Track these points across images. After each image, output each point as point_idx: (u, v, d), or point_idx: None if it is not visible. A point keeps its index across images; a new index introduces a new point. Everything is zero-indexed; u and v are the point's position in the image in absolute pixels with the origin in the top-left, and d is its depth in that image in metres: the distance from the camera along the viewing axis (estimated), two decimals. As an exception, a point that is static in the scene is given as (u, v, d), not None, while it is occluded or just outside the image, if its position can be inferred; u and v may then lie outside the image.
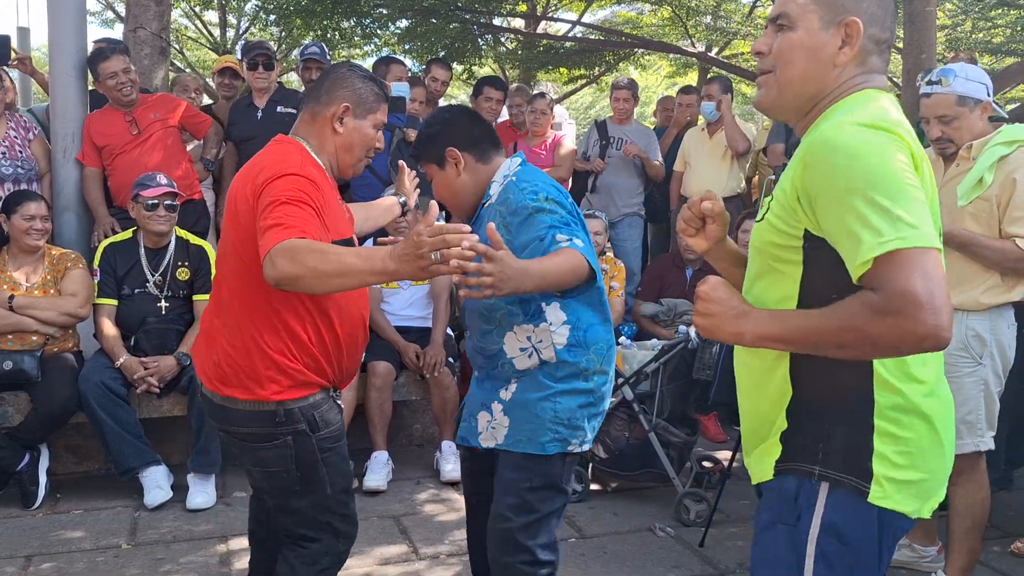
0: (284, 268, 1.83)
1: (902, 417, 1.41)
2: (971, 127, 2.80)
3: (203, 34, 14.57)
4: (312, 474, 2.19)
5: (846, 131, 1.34)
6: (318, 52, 5.25)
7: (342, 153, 2.22)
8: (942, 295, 1.24)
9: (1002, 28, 10.27)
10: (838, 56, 1.46)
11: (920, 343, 1.26)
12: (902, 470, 1.41)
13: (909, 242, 1.24)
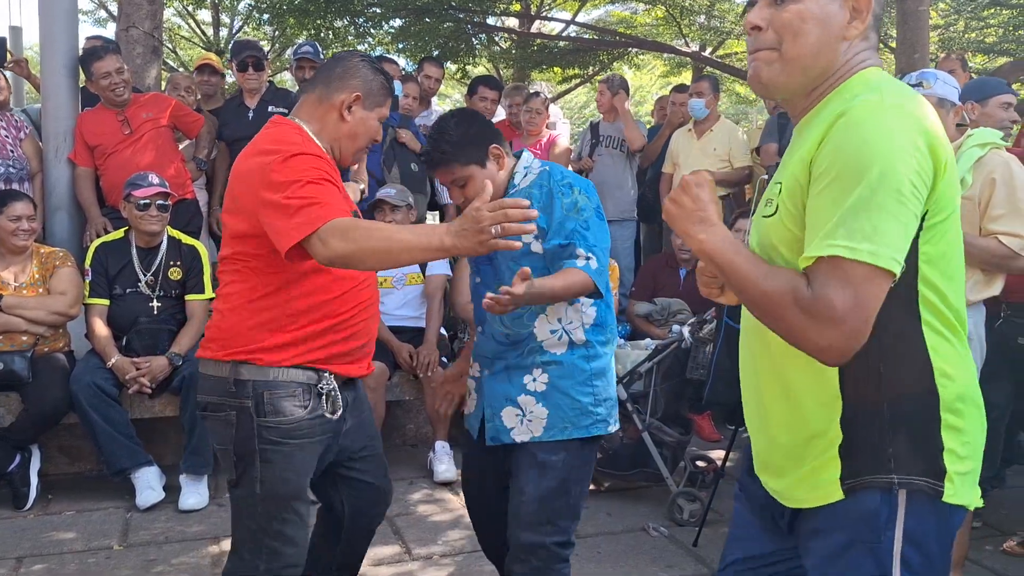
0: (337, 247, 1.85)
1: (963, 407, 1.37)
2: (947, 129, 2.86)
3: (196, 33, 14.54)
4: (245, 464, 2.09)
5: (863, 113, 1.27)
6: (311, 52, 5.24)
7: (347, 141, 2.20)
8: (861, 320, 1.21)
9: (995, 28, 10.31)
10: (848, 30, 1.37)
11: (818, 352, 1.25)
12: (964, 461, 1.37)
13: (858, 255, 1.20)
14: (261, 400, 2.07)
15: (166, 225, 3.99)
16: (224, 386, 2.09)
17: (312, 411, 2.12)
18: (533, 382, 2.32)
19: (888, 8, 9.13)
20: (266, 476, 2.09)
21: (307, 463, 2.16)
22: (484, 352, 2.39)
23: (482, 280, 2.42)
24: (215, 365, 2.12)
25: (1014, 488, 4.10)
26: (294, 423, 2.09)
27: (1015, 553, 3.40)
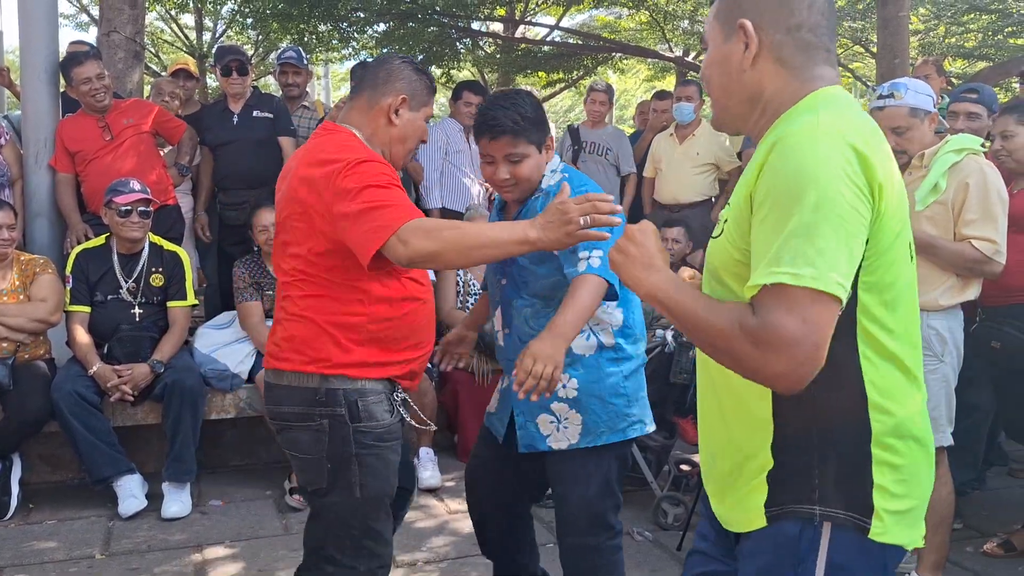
0: (420, 245, 1.85)
1: (898, 443, 1.33)
2: (922, 138, 2.93)
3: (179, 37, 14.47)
4: (343, 470, 2.08)
5: (797, 139, 1.26)
6: (295, 57, 5.23)
7: (397, 144, 2.19)
8: (811, 345, 1.18)
9: (974, 33, 10.41)
10: (744, 61, 1.40)
11: (772, 381, 1.23)
12: (899, 499, 1.33)
13: (801, 281, 1.18)
14: (355, 407, 2.07)
15: (148, 231, 3.97)
16: (312, 396, 2.07)
17: (396, 416, 2.17)
18: (563, 388, 2.32)
19: (869, 14, 9.22)
20: (365, 480, 2.10)
21: (396, 463, 2.19)
22: (511, 356, 2.33)
23: (507, 282, 2.40)
24: (297, 376, 2.08)
25: (995, 490, 4.14)
26: (386, 427, 2.13)
27: (995, 555, 3.42)
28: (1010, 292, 3.21)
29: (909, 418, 1.34)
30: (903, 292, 1.34)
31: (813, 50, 1.39)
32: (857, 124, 1.30)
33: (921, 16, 9.71)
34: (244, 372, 4.06)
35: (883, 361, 1.31)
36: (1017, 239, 3.20)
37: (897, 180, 1.32)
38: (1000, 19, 9.17)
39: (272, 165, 4.76)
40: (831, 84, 1.39)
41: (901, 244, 1.32)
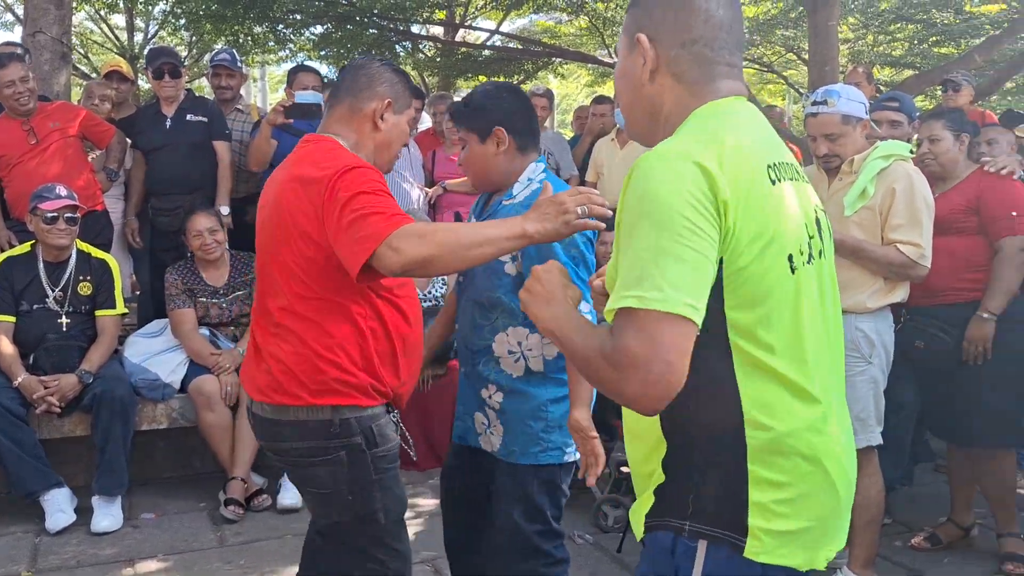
0: (413, 251, 1.79)
1: (780, 460, 1.29)
2: (854, 144, 3.00)
3: (110, 38, 14.08)
4: (366, 499, 2.02)
5: (646, 162, 1.25)
6: (228, 59, 5.13)
7: (381, 150, 2.14)
8: (663, 367, 1.17)
9: (901, 42, 10.74)
10: (643, 75, 1.39)
11: (630, 402, 1.22)
12: (783, 520, 1.29)
13: (647, 304, 1.18)
14: (371, 433, 2.01)
15: (75, 238, 3.86)
16: (327, 429, 1.98)
17: (398, 432, 2.14)
18: (490, 398, 2.30)
19: (800, 22, 9.45)
20: (388, 503, 2.06)
21: (398, 472, 2.15)
22: (460, 351, 2.38)
23: (465, 278, 2.38)
24: (308, 410, 1.99)
25: (922, 485, 4.27)
26: (394, 445, 2.09)
27: (923, 548, 3.54)
28: (933, 293, 3.31)
29: (792, 434, 1.29)
30: (780, 307, 1.29)
31: (710, 64, 1.37)
32: (717, 139, 1.28)
33: (851, 25, 9.97)
34: (176, 381, 3.97)
35: (761, 376, 1.28)
36: (940, 242, 3.31)
37: (764, 193, 1.28)
38: (925, 29, 9.47)
39: (206, 170, 4.67)
40: (727, 96, 1.37)
41: (772, 258, 1.27)
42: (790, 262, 1.30)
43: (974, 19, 8.81)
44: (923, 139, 3.45)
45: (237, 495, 3.77)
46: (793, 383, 1.30)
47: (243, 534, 3.60)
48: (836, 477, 1.34)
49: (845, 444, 1.39)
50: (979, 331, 3.25)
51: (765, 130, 1.39)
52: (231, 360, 3.97)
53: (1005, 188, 3.35)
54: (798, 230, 1.32)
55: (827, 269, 1.42)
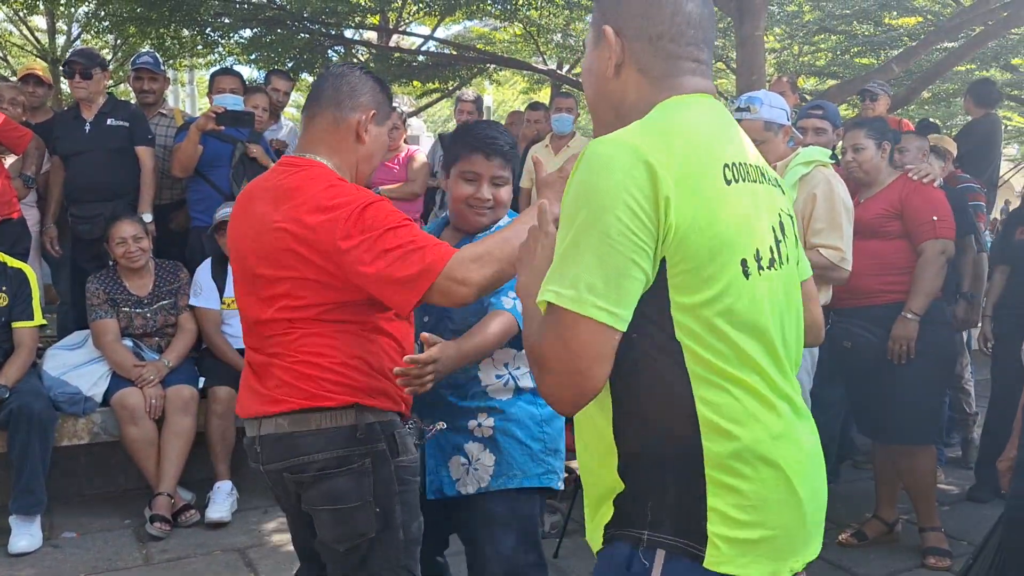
0: (479, 277, 1.74)
1: (741, 466, 1.23)
2: (776, 150, 3.07)
3: (30, 40, 13.59)
4: (388, 513, 1.89)
5: (593, 149, 1.21)
6: (151, 62, 5.00)
7: (364, 163, 2.02)
8: (576, 370, 1.14)
9: (825, 52, 11.05)
10: (608, 69, 1.35)
11: (547, 401, 1.21)
12: (744, 528, 1.23)
13: (561, 301, 1.15)
14: (394, 440, 1.91)
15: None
16: (351, 433, 1.86)
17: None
18: (479, 427, 2.19)
19: (728, 32, 9.66)
20: (406, 518, 1.93)
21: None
22: (425, 398, 2.11)
23: (430, 319, 2.23)
24: (330, 414, 1.86)
25: (848, 482, 4.39)
26: (415, 458, 1.98)
27: (850, 544, 3.62)
28: (858, 295, 3.41)
29: (757, 441, 1.24)
30: (734, 311, 1.23)
31: (676, 60, 1.33)
32: (669, 133, 1.23)
33: (776, 35, 10.22)
34: (98, 395, 3.84)
35: (720, 382, 1.23)
36: (864, 245, 3.41)
37: (715, 192, 1.22)
38: (847, 40, 9.76)
39: (128, 175, 4.54)
40: (691, 93, 1.33)
41: (723, 260, 1.21)
42: (743, 266, 1.24)
43: (893, 31, 9.11)
44: (847, 147, 3.54)
45: (163, 511, 3.65)
46: (753, 389, 1.25)
47: (170, 551, 3.49)
48: (799, 486, 1.28)
49: (811, 452, 1.34)
50: (903, 331, 3.35)
51: (727, 129, 1.34)
52: (155, 372, 3.85)
53: (927, 194, 3.46)
54: (756, 233, 1.27)
55: (792, 275, 1.37)
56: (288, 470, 1.90)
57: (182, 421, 3.80)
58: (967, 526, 3.76)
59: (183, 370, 3.97)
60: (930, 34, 7.40)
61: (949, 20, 7.33)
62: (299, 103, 19.44)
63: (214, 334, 4.10)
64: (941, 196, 3.51)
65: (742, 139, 1.36)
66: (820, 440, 1.39)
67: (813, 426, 1.39)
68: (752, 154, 1.36)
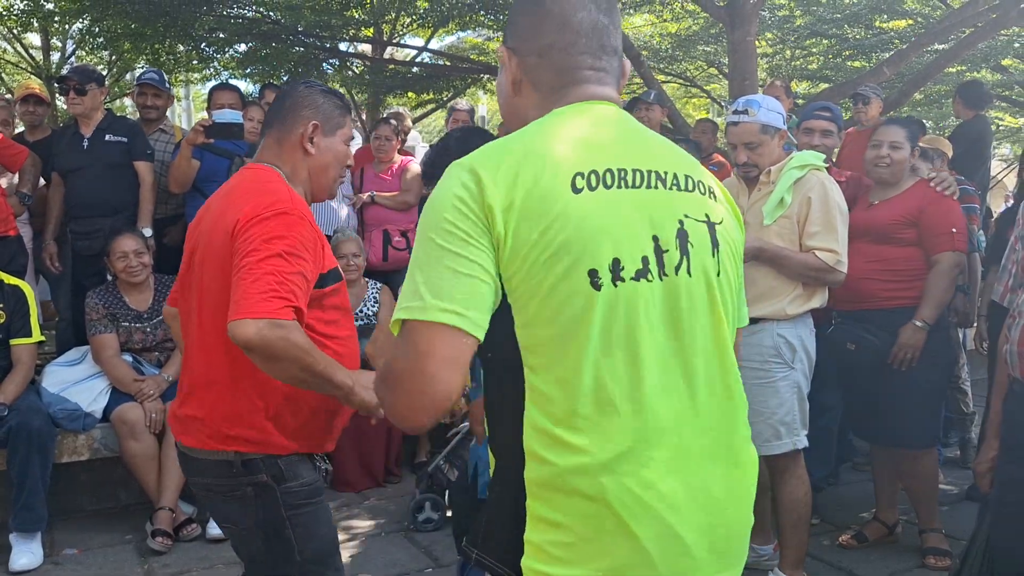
0: (282, 351, 1.74)
1: (556, 497, 1.16)
2: (771, 153, 3.08)
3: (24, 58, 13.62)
4: (275, 536, 1.94)
5: (452, 168, 1.20)
6: (156, 79, 5.02)
7: (318, 175, 2.07)
8: (424, 377, 1.10)
9: (816, 56, 11.11)
10: (509, 87, 1.35)
11: (401, 421, 1.16)
12: (564, 565, 1.15)
13: (410, 314, 1.12)
14: (279, 471, 1.93)
15: (-14, 265, 3.71)
16: (228, 468, 1.91)
17: (320, 473, 2.04)
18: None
19: (720, 38, 9.71)
20: (301, 540, 1.96)
21: (330, 516, 2.06)
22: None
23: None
24: (210, 454, 1.93)
25: (847, 484, 4.40)
26: (312, 484, 1.99)
27: (850, 546, 3.63)
28: (865, 299, 3.41)
29: (575, 470, 1.14)
30: (572, 327, 1.15)
31: (568, 71, 1.30)
32: (512, 144, 1.21)
33: (768, 40, 10.26)
34: (98, 410, 3.85)
35: (546, 404, 1.17)
36: (874, 250, 3.41)
37: (557, 200, 1.15)
38: (838, 44, 9.81)
39: (126, 191, 4.55)
40: (579, 102, 1.29)
41: (563, 272, 1.14)
42: (592, 277, 1.14)
43: (884, 34, 9.16)
44: (882, 142, 3.48)
45: (165, 525, 3.66)
46: (579, 414, 1.15)
47: (171, 566, 3.49)
48: (637, 526, 1.15)
49: (685, 493, 1.18)
50: (912, 339, 3.34)
51: (608, 134, 1.26)
52: (155, 386, 3.86)
53: (946, 205, 3.44)
54: (616, 242, 1.16)
55: (696, 287, 1.23)
56: (193, 485, 2.05)
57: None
58: (966, 526, 3.74)
59: (182, 384, 3.97)
60: (920, 37, 7.44)
61: (939, 22, 7.39)
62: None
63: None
64: (958, 208, 3.50)
65: (634, 143, 1.27)
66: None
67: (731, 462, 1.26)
68: (646, 158, 1.25)
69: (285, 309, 1.76)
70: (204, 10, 7.52)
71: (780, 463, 3.07)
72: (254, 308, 1.73)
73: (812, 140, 3.68)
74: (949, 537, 3.55)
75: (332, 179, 2.11)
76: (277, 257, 1.80)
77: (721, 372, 1.26)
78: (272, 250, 1.81)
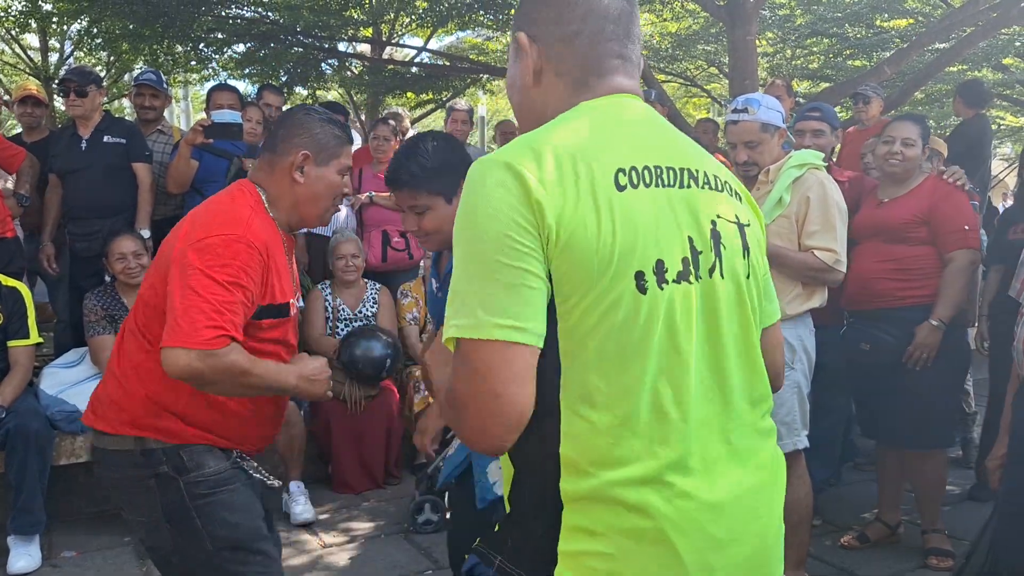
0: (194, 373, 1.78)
1: (597, 507, 1.11)
2: (771, 152, 3.07)
3: (22, 59, 13.61)
4: (184, 527, 1.92)
5: (471, 171, 1.14)
6: (154, 79, 5.00)
7: (306, 205, 2.05)
8: (491, 398, 1.05)
9: (817, 55, 11.10)
10: (527, 78, 1.27)
11: (474, 445, 1.11)
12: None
13: (463, 332, 1.06)
14: (180, 461, 1.92)
15: (-16, 267, 3.70)
16: (130, 459, 1.92)
17: (234, 462, 2.00)
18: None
19: (721, 38, 9.70)
20: (210, 528, 1.93)
21: (249, 503, 2.01)
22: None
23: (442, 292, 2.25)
24: (113, 439, 1.94)
25: (849, 484, 4.38)
26: (219, 472, 1.96)
27: (852, 547, 3.62)
28: (878, 298, 3.39)
29: (618, 483, 1.10)
30: (615, 332, 1.10)
31: (597, 60, 1.24)
32: (551, 139, 1.14)
33: (769, 39, 10.25)
34: (97, 412, 3.82)
35: (591, 414, 1.11)
36: (886, 249, 3.39)
37: (603, 198, 1.10)
38: (839, 43, 9.80)
39: (125, 192, 4.54)
40: (604, 95, 1.24)
41: (619, 271, 1.09)
42: (639, 280, 1.10)
43: (884, 33, 9.15)
44: (893, 138, 3.44)
45: (163, 528, 3.64)
46: (628, 424, 1.11)
47: (170, 568, 3.47)
48: (679, 540, 1.11)
49: (717, 502, 1.14)
50: (929, 338, 3.31)
51: (641, 129, 1.22)
52: (154, 388, 3.84)
53: (958, 202, 3.41)
54: (659, 243, 1.13)
55: (731, 289, 1.20)
56: (101, 480, 2.06)
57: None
58: (969, 526, 3.75)
59: (181, 386, 3.96)
60: (921, 35, 7.43)
61: (940, 21, 7.37)
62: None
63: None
64: (969, 204, 3.47)
65: (665, 139, 1.24)
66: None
67: (761, 468, 1.22)
68: (678, 156, 1.21)
69: (220, 339, 1.79)
70: (202, 11, 7.51)
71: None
72: (187, 337, 1.77)
73: (804, 141, 3.67)
74: (951, 537, 3.54)
75: (323, 209, 2.09)
76: (217, 284, 1.82)
77: (752, 377, 1.23)
78: (214, 276, 1.83)
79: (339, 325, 4.54)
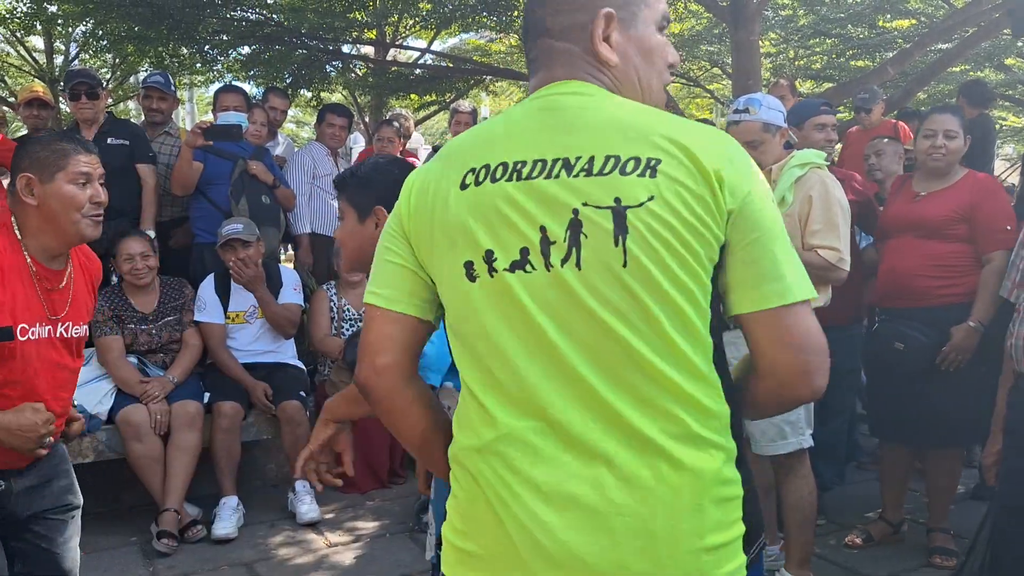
0: None
1: (457, 469, 1.25)
2: (773, 151, 3.08)
3: (27, 61, 13.65)
4: None
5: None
6: (162, 82, 5.02)
7: (51, 223, 2.08)
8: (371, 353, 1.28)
9: (820, 55, 11.10)
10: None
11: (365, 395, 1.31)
12: (461, 536, 1.23)
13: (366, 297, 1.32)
14: None
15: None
16: None
17: None
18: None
19: (724, 38, 9.70)
20: None
21: None
22: None
23: None
24: None
25: (854, 484, 4.39)
26: None
27: (856, 546, 3.63)
28: (913, 296, 3.34)
29: (464, 449, 1.22)
30: (463, 316, 1.22)
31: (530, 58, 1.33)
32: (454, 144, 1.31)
33: (772, 40, 10.25)
34: (103, 412, 3.85)
35: (463, 384, 1.25)
36: (922, 245, 3.33)
37: (443, 196, 1.23)
38: (842, 43, 9.80)
39: (130, 194, 4.55)
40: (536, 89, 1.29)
41: (447, 264, 1.23)
42: (468, 269, 1.19)
43: (887, 33, 9.16)
44: (935, 131, 3.35)
45: (170, 527, 3.66)
46: (475, 397, 1.21)
47: (177, 567, 3.49)
48: (505, 515, 1.15)
49: (561, 487, 1.13)
50: (967, 340, 3.25)
51: (533, 124, 1.22)
52: (160, 388, 3.87)
53: (1000, 201, 3.35)
54: (494, 234, 1.17)
55: (590, 279, 1.13)
56: None
57: (188, 437, 3.81)
58: (972, 524, 3.73)
59: (188, 386, 3.99)
60: (924, 36, 7.43)
61: (942, 22, 7.37)
62: (297, 119, 19.54)
63: (218, 349, 4.12)
64: (1009, 203, 3.40)
65: (557, 130, 1.19)
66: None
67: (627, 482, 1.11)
68: (562, 146, 1.17)
69: None
70: (207, 13, 7.53)
71: (785, 462, 3.06)
72: None
73: (826, 135, 3.63)
74: (955, 536, 3.54)
75: (71, 222, 2.09)
76: None
77: (631, 366, 1.12)
78: None
79: (344, 325, 4.56)
